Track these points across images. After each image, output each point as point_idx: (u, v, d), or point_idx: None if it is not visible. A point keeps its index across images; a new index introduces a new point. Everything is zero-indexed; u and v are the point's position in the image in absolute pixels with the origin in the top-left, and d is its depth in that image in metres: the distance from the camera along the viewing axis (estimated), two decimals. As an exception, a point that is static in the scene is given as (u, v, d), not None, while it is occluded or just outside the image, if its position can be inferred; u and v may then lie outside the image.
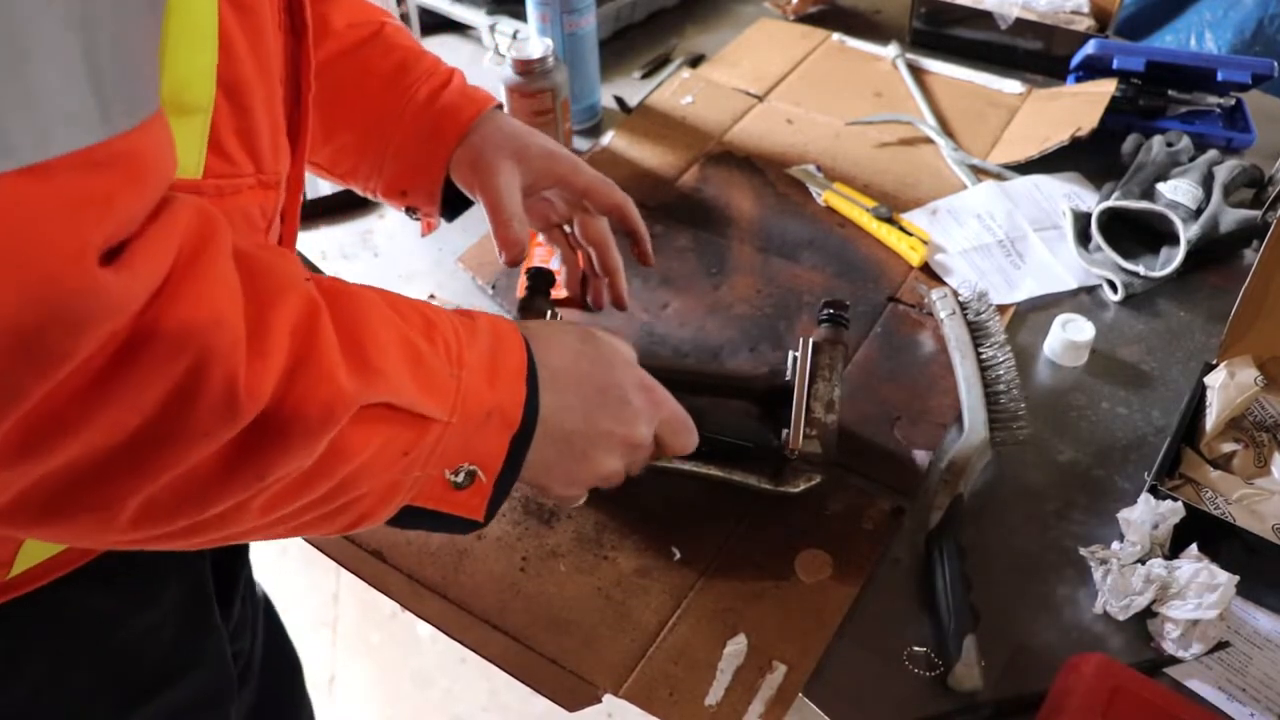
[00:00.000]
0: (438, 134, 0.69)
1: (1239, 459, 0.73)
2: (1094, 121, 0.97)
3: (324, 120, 0.68)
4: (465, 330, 0.49)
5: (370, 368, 0.41)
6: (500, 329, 0.52)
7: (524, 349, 0.52)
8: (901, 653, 0.63)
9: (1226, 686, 0.61)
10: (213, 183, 0.42)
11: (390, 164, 0.70)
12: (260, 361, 0.36)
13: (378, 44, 0.70)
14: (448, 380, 0.46)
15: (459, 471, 0.48)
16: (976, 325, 0.82)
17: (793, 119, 1.09)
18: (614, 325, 0.85)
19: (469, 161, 0.69)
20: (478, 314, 0.52)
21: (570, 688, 0.62)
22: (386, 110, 0.69)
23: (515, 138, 0.69)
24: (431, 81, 0.70)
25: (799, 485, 0.67)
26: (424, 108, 0.69)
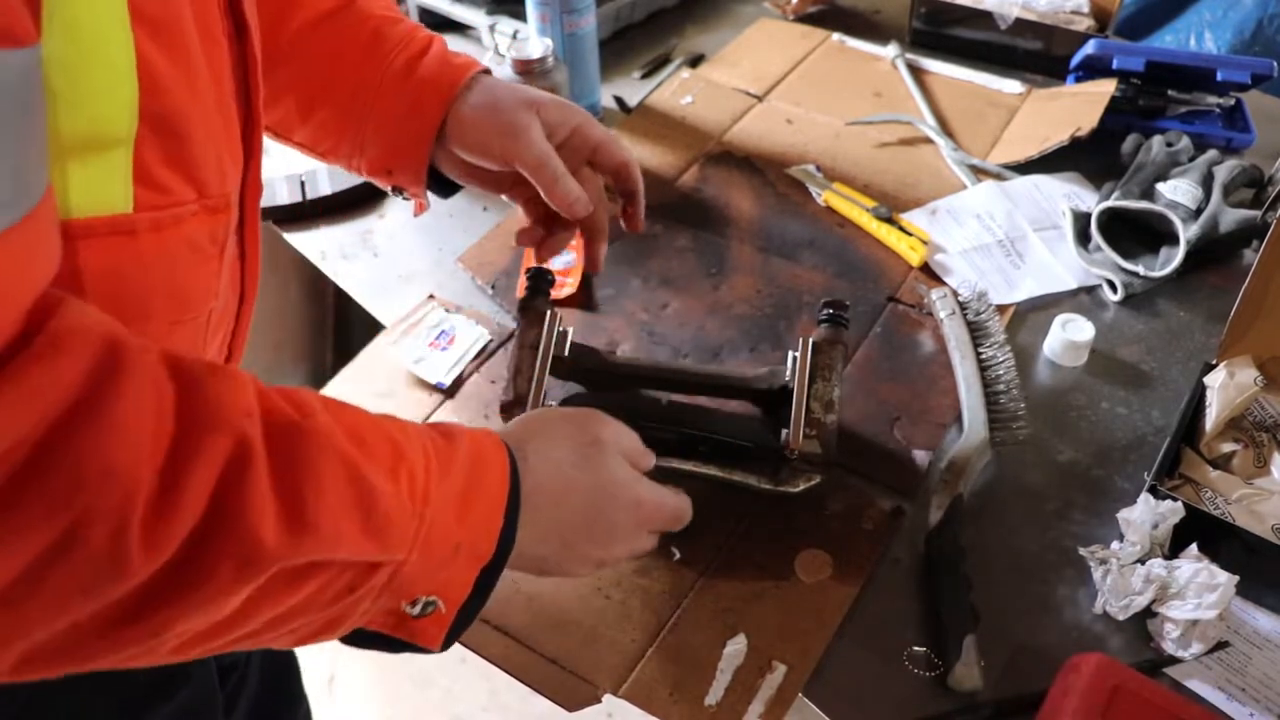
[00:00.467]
0: (418, 108, 0.65)
1: (1239, 459, 0.73)
2: (1094, 121, 0.97)
3: (299, 97, 0.65)
4: (440, 459, 0.45)
5: (305, 524, 0.38)
6: (483, 454, 0.48)
7: (507, 478, 0.49)
8: (901, 653, 0.63)
9: (1226, 686, 0.61)
10: (148, 216, 0.40)
11: (372, 141, 0.66)
12: (166, 515, 0.33)
13: (350, 12, 0.66)
14: (407, 520, 0.43)
15: (416, 603, 0.45)
16: (976, 325, 0.82)
17: (793, 119, 1.09)
18: (614, 326, 0.85)
19: (485, 127, 0.64)
20: (461, 435, 0.48)
21: (570, 688, 0.62)
22: (362, 83, 0.65)
23: (520, 91, 0.66)
24: (409, 49, 0.66)
25: (799, 485, 0.68)
26: (401, 79, 0.65)
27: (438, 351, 0.82)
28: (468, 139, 0.65)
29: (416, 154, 0.66)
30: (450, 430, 0.48)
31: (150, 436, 0.34)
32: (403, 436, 0.44)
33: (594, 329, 0.85)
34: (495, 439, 0.50)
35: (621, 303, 0.87)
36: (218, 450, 0.35)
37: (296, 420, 0.40)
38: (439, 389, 0.80)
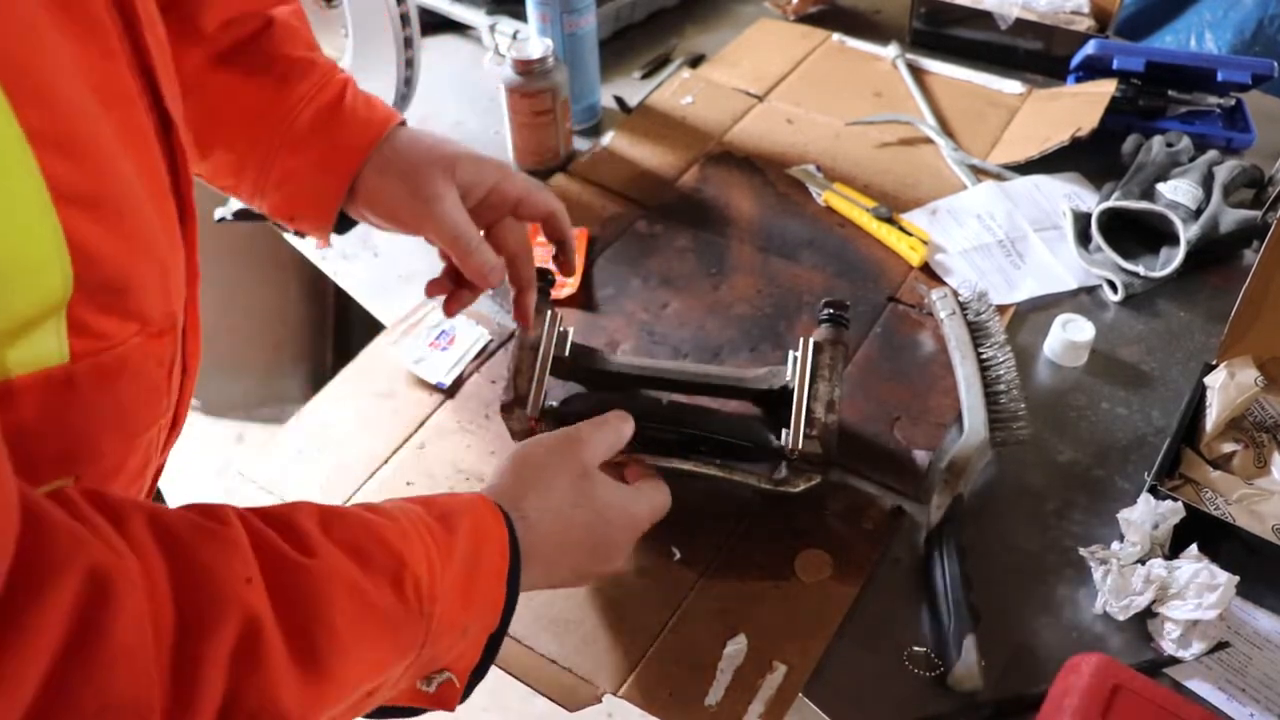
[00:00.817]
0: (328, 166, 0.62)
1: (1239, 459, 0.73)
2: (1094, 122, 0.97)
3: (197, 136, 0.60)
4: (441, 553, 0.46)
5: (324, 677, 0.39)
6: (482, 532, 0.49)
7: (507, 551, 0.50)
8: (901, 653, 0.63)
9: (1226, 687, 0.61)
10: (88, 363, 0.38)
11: (274, 190, 0.63)
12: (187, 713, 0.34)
13: (257, 51, 0.61)
14: (416, 625, 0.44)
15: (430, 680, 0.48)
16: (976, 325, 0.82)
17: (793, 119, 1.09)
18: (614, 326, 0.85)
19: (396, 197, 0.62)
20: (459, 518, 0.49)
21: (570, 688, 0.62)
22: (264, 133, 0.61)
23: (435, 152, 0.63)
24: (317, 101, 0.62)
25: (799, 485, 0.68)
26: (307, 136, 0.61)
27: (438, 351, 0.82)
28: (378, 208, 0.63)
29: (322, 211, 0.64)
30: (450, 514, 0.49)
31: (153, 647, 0.33)
32: (402, 542, 0.45)
33: (594, 329, 0.85)
34: (492, 511, 0.51)
35: (621, 303, 0.87)
36: (225, 637, 0.35)
37: (299, 562, 0.40)
38: (439, 389, 0.80)
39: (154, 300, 0.41)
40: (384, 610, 0.42)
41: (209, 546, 0.37)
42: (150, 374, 0.43)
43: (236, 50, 0.61)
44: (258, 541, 0.39)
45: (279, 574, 0.39)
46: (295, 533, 0.41)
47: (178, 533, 0.36)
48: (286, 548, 0.40)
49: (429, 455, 0.75)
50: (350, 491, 0.73)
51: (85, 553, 0.32)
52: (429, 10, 1.21)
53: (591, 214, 0.96)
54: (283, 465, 0.75)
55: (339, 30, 1.01)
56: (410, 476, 0.74)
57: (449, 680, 0.49)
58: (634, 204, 0.98)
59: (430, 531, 0.46)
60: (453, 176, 0.62)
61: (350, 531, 0.43)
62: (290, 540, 0.40)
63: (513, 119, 0.98)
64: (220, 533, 0.38)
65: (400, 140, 0.63)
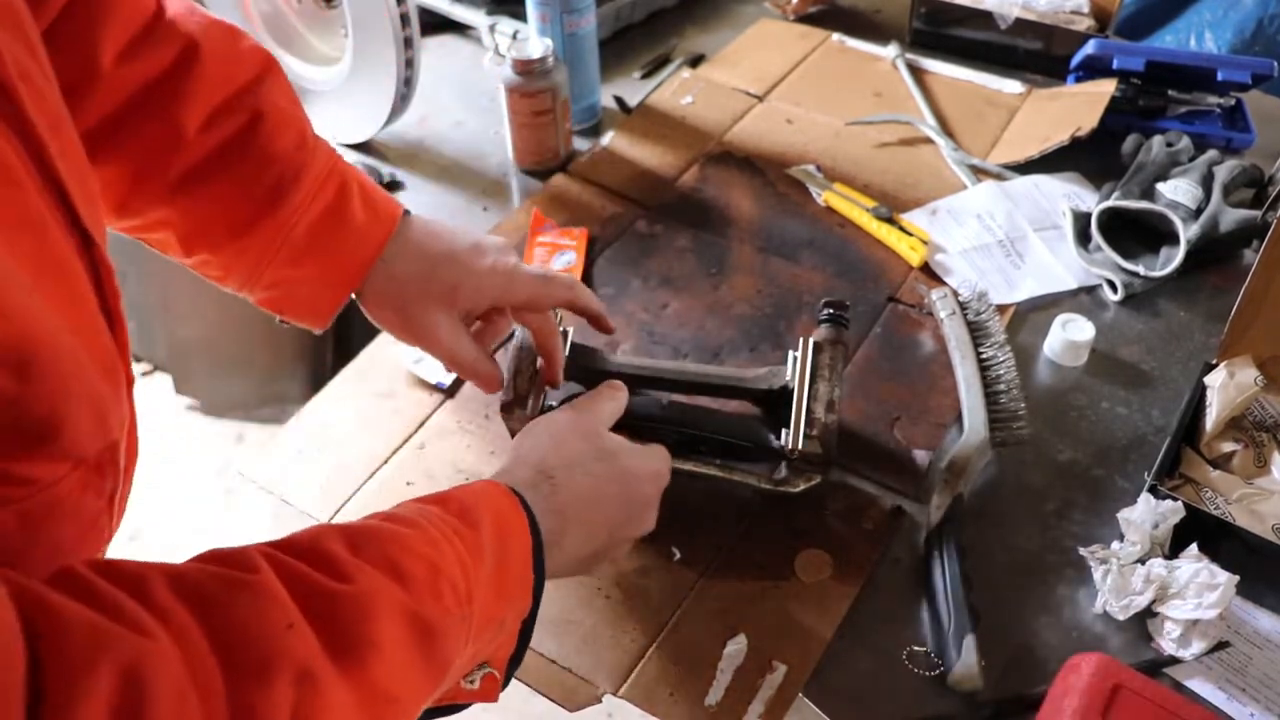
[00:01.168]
0: (325, 282, 0.61)
1: (1239, 459, 0.73)
2: (1094, 121, 0.97)
3: (180, 235, 0.59)
4: (471, 552, 0.46)
5: (383, 700, 0.39)
6: (503, 518, 0.49)
7: (527, 530, 0.50)
8: (901, 653, 0.63)
9: (1226, 686, 0.61)
10: (14, 510, 0.36)
11: (265, 290, 0.61)
12: None
13: (246, 153, 0.58)
14: (458, 628, 0.44)
15: (471, 677, 0.49)
16: (976, 325, 0.82)
17: (793, 119, 1.09)
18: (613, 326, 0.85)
19: (393, 311, 0.62)
20: (481, 512, 0.48)
21: (571, 688, 0.62)
22: (256, 244, 0.59)
23: (434, 279, 0.61)
24: (312, 212, 0.59)
25: (799, 485, 0.68)
26: (305, 250, 0.59)
27: (438, 351, 0.82)
28: (377, 320, 0.64)
29: (316, 317, 0.63)
30: (469, 510, 0.48)
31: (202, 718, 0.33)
32: (432, 549, 0.44)
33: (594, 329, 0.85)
34: (506, 496, 0.51)
35: (621, 303, 0.87)
36: (280, 692, 0.34)
37: (337, 591, 0.39)
38: (439, 389, 0.80)
39: (88, 437, 0.38)
40: (428, 622, 0.42)
41: (242, 599, 0.36)
42: (89, 508, 0.41)
43: (224, 153, 0.57)
44: (290, 580, 0.38)
45: (319, 609, 0.38)
46: (326, 561, 0.40)
47: (206, 590, 0.35)
48: (321, 578, 0.39)
49: (429, 455, 0.75)
50: (350, 491, 0.73)
51: (112, 647, 0.31)
52: (429, 10, 1.20)
53: (591, 214, 0.96)
54: (283, 465, 0.75)
55: (339, 30, 1.01)
56: (410, 476, 0.74)
57: (489, 673, 0.49)
58: (634, 204, 0.98)
59: (456, 532, 0.46)
60: (453, 306, 0.62)
61: (380, 549, 0.42)
62: (323, 570, 0.39)
63: (513, 119, 0.98)
64: (250, 582, 0.37)
65: (401, 255, 0.61)
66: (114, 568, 0.35)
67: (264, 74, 0.59)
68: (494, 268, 0.63)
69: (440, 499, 0.49)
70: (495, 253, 0.63)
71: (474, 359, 0.63)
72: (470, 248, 0.63)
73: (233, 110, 0.57)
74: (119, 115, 0.54)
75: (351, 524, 0.44)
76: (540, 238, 0.92)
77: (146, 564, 0.36)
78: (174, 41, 0.56)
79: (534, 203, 0.97)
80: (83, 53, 0.52)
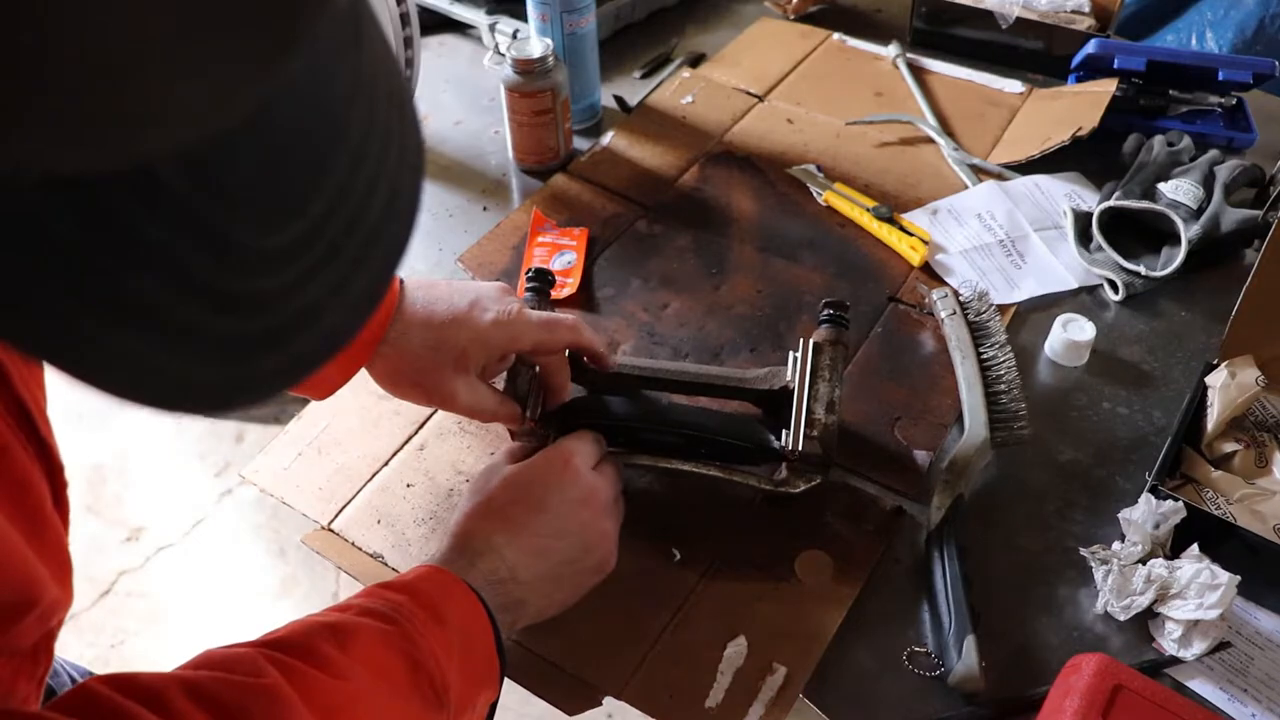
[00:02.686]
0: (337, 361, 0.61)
1: (1240, 459, 0.73)
2: (1095, 121, 0.97)
3: None
4: (443, 647, 0.49)
5: None
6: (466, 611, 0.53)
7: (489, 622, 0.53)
8: (901, 653, 0.63)
9: (1228, 687, 0.61)
10: None
11: None
12: None
13: None
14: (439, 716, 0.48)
15: None
16: (977, 325, 0.82)
17: (793, 119, 1.09)
18: (614, 327, 0.85)
19: (409, 385, 0.64)
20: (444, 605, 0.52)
21: (571, 690, 0.62)
22: None
23: (444, 342, 0.62)
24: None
25: (799, 486, 0.67)
26: None
27: (438, 352, 0.82)
28: (395, 394, 0.66)
29: (323, 391, 0.65)
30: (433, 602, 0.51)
31: None
32: (408, 644, 0.48)
33: (594, 329, 0.85)
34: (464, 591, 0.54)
35: (621, 303, 0.87)
36: None
37: (338, 688, 0.42)
38: (439, 389, 0.80)
39: (32, 629, 0.38)
40: (413, 714, 0.46)
41: (259, 704, 0.39)
42: (20, 693, 0.41)
43: None
44: (295, 681, 0.41)
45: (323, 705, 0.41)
46: (320, 658, 0.43)
47: (223, 699, 0.37)
48: (321, 676, 0.42)
49: (429, 456, 0.75)
50: (351, 493, 0.73)
51: None
52: (429, 10, 1.20)
53: (591, 214, 0.96)
54: (283, 466, 0.75)
55: (339, 30, 1.01)
56: (410, 478, 0.74)
57: None
58: (634, 204, 0.98)
59: (427, 627, 0.49)
60: (465, 368, 0.63)
61: (366, 648, 0.46)
62: (320, 667, 0.42)
63: (513, 118, 0.98)
64: (262, 687, 0.39)
65: (408, 331, 0.62)
66: (132, 683, 0.36)
67: None
68: (497, 322, 0.64)
69: (408, 590, 0.52)
70: (495, 304, 0.64)
71: (494, 408, 0.66)
72: (470, 305, 0.64)
73: None
74: None
75: (333, 620, 0.47)
76: (540, 238, 0.92)
77: (162, 675, 0.37)
78: None
79: (534, 202, 0.97)
80: None
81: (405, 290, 0.64)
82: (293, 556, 1.72)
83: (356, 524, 0.71)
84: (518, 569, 0.57)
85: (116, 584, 1.70)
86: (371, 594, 0.51)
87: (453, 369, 0.63)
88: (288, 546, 1.73)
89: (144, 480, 1.85)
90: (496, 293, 0.66)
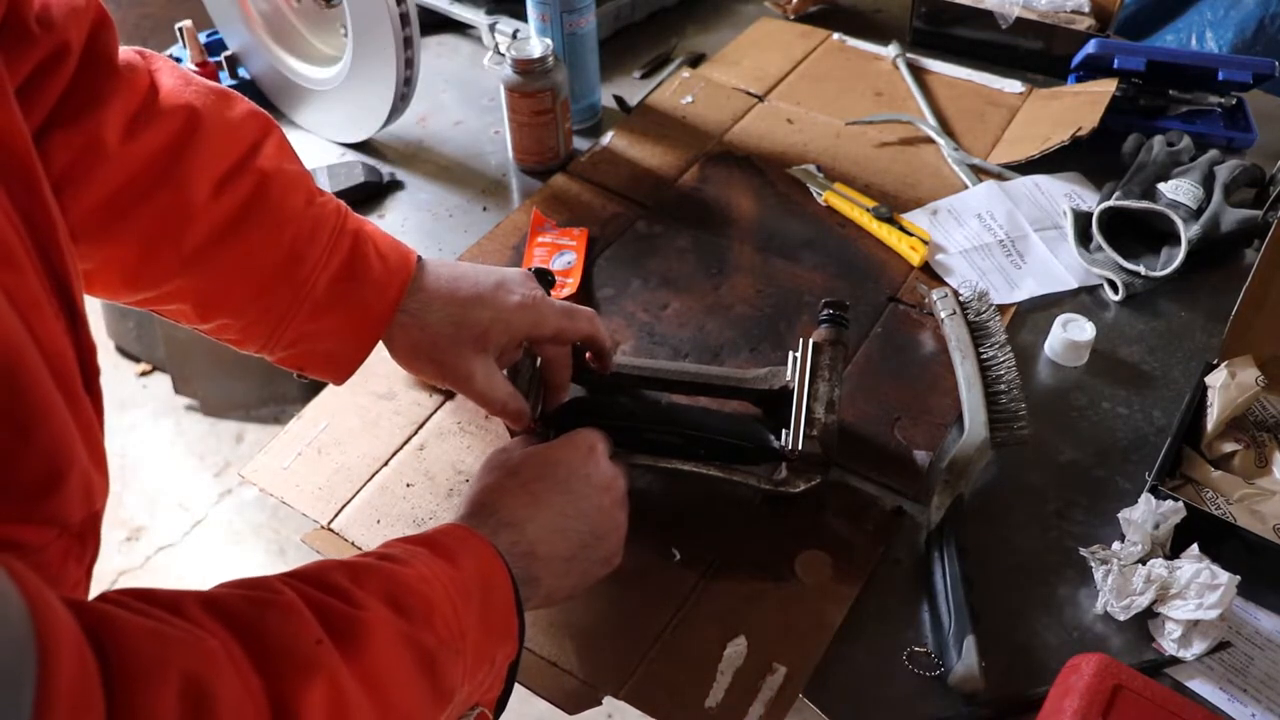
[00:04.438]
0: (349, 335, 0.61)
1: (1240, 459, 0.73)
2: (1095, 121, 0.97)
3: (197, 304, 0.59)
4: (460, 593, 0.48)
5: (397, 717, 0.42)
6: (484, 565, 0.51)
7: (508, 575, 0.52)
8: (901, 653, 0.63)
9: (1228, 687, 0.61)
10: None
11: (285, 349, 0.62)
12: None
13: (259, 215, 0.58)
14: (455, 661, 0.46)
15: (466, 717, 0.50)
16: (977, 325, 0.82)
17: (793, 119, 1.09)
18: (614, 327, 0.85)
19: (427, 360, 0.63)
20: (462, 554, 0.50)
21: (570, 689, 0.62)
22: (276, 303, 0.59)
23: (467, 318, 0.62)
24: (331, 266, 0.60)
25: (799, 485, 0.67)
26: (326, 304, 0.60)
27: (438, 352, 0.82)
28: (411, 369, 0.66)
29: (340, 371, 0.63)
30: (454, 553, 0.50)
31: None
32: (425, 585, 0.46)
33: (594, 329, 0.85)
34: (482, 543, 0.52)
35: (621, 303, 0.87)
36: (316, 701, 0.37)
37: (354, 615, 0.41)
38: (439, 390, 0.80)
39: (76, 505, 0.39)
40: (430, 652, 0.44)
41: (272, 615, 0.38)
42: (70, 577, 0.41)
43: (237, 219, 0.58)
44: (310, 602, 0.41)
45: (341, 631, 0.40)
46: (336, 589, 0.43)
47: (236, 610, 0.38)
48: (336, 603, 0.41)
49: (429, 456, 0.75)
50: (350, 493, 0.73)
51: (174, 653, 0.34)
52: (429, 10, 1.20)
53: (591, 214, 0.96)
54: (282, 465, 0.75)
55: (339, 30, 1.01)
56: (410, 478, 0.74)
57: (482, 712, 0.51)
58: (634, 204, 0.98)
59: (445, 573, 0.48)
60: (485, 348, 0.63)
61: (380, 582, 0.45)
62: (336, 596, 0.42)
63: (512, 118, 0.98)
64: (277, 600, 0.40)
65: (430, 304, 0.62)
66: (149, 595, 0.37)
67: (264, 136, 0.60)
68: (522, 304, 0.64)
69: (425, 540, 0.51)
70: (520, 288, 0.64)
71: (507, 398, 0.65)
72: (495, 286, 0.64)
73: (239, 175, 0.58)
74: (127, 191, 0.55)
75: (349, 559, 0.47)
76: (540, 238, 0.92)
77: (178, 591, 0.38)
78: (175, 114, 0.56)
79: (534, 202, 0.97)
80: (89, 131, 0.53)
81: (427, 266, 0.64)
82: (293, 556, 1.72)
83: (356, 523, 0.71)
84: (537, 544, 0.56)
85: (116, 584, 1.70)
86: (390, 543, 0.51)
87: (472, 348, 0.62)
88: (288, 546, 1.73)
89: (144, 480, 1.85)
90: (521, 277, 0.66)
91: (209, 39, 1.10)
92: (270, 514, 1.76)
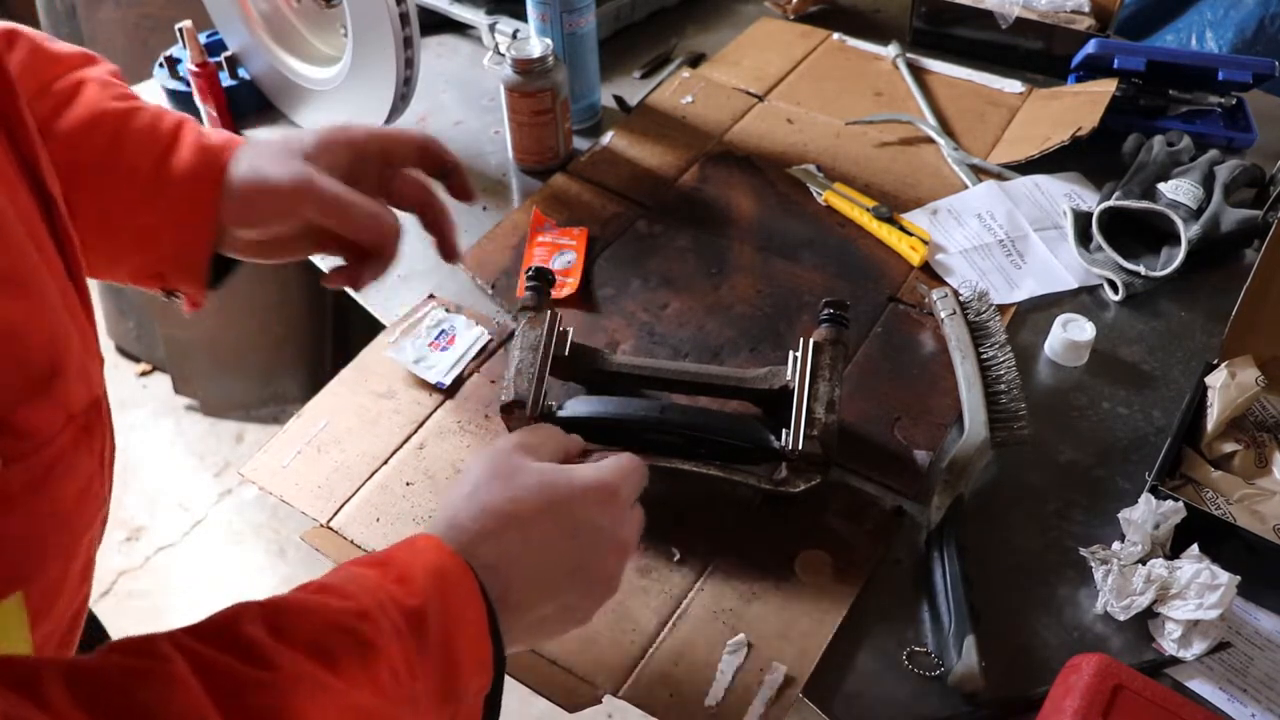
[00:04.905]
0: (186, 211, 0.57)
1: (1240, 459, 0.73)
2: (1095, 121, 0.97)
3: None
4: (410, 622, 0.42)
5: None
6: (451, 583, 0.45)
7: (481, 599, 0.45)
8: (901, 653, 0.63)
9: (1228, 687, 0.61)
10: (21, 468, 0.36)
11: (129, 254, 0.59)
12: None
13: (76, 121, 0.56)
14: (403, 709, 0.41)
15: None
16: (977, 325, 0.82)
17: (793, 118, 1.09)
18: (614, 326, 0.85)
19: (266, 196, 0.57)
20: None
21: (571, 688, 0.62)
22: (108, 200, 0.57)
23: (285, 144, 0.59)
24: (153, 150, 0.57)
25: (799, 485, 0.67)
26: (155, 188, 0.57)
27: (438, 352, 0.82)
28: (251, 216, 0.58)
29: (195, 257, 0.60)
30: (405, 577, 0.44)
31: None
32: (363, 622, 0.41)
33: (594, 329, 0.85)
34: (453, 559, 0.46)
35: (621, 303, 0.87)
36: None
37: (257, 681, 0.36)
38: (439, 389, 0.80)
39: (78, 386, 0.39)
40: (365, 708, 0.39)
41: (145, 692, 0.33)
42: (84, 467, 0.41)
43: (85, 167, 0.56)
44: (203, 670, 0.35)
45: (236, 702, 0.35)
46: (244, 646, 0.37)
47: (106, 684, 0.33)
48: (239, 667, 0.36)
49: (429, 455, 0.75)
50: (350, 491, 0.73)
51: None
52: (429, 10, 1.20)
53: (591, 214, 0.96)
54: (282, 464, 0.75)
55: (339, 29, 1.01)
56: (410, 476, 0.74)
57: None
58: (634, 204, 0.98)
59: (393, 600, 0.42)
60: (313, 159, 0.58)
61: (305, 629, 0.39)
62: (240, 657, 0.36)
63: (512, 118, 0.98)
64: (156, 671, 0.34)
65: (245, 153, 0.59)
66: (7, 665, 0.32)
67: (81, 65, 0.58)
68: (345, 125, 0.61)
69: (380, 560, 0.45)
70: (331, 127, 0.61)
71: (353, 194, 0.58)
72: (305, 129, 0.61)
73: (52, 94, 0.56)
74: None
75: (277, 600, 0.41)
76: (540, 237, 0.92)
77: (42, 661, 0.33)
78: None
79: (534, 202, 0.97)
80: None
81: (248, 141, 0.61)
82: (293, 556, 1.72)
83: (356, 522, 0.71)
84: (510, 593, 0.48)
85: (116, 584, 1.70)
86: (340, 568, 0.45)
87: (299, 158, 0.58)
88: (287, 546, 1.73)
89: (144, 480, 1.85)
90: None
91: (209, 39, 1.10)
92: (270, 513, 1.76)
